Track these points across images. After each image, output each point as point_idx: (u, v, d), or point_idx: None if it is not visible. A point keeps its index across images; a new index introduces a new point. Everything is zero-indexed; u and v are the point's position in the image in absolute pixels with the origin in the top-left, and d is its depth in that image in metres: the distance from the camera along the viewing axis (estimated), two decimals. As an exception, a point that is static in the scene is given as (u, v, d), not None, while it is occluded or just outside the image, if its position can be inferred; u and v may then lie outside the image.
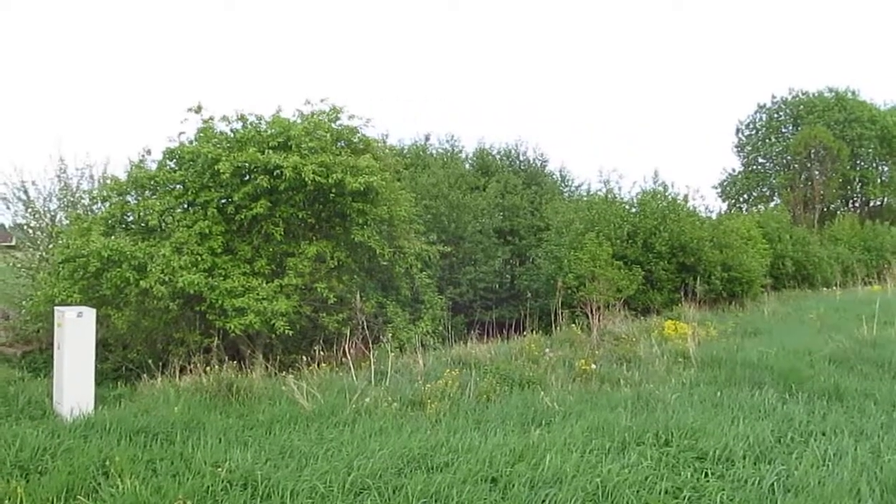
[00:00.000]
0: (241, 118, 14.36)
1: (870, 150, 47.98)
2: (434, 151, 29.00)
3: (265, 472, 5.94)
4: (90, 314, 8.71)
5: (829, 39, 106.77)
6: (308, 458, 6.45)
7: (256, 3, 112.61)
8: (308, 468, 6.09)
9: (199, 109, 14.22)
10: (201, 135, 14.14)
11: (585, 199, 24.57)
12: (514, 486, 5.79)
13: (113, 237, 12.85)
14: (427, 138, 29.88)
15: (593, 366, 10.90)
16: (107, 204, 14.10)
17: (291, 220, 13.74)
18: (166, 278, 11.97)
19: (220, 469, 6.00)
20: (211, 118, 14.30)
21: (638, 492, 5.71)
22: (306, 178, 12.68)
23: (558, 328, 14.82)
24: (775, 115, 51.09)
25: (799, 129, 47.71)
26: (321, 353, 11.68)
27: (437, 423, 7.85)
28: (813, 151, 44.93)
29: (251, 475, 5.85)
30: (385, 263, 14.64)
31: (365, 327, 12.37)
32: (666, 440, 7.07)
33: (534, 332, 14.52)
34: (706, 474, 6.20)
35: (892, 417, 8.19)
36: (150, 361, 11.44)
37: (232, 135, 14.17)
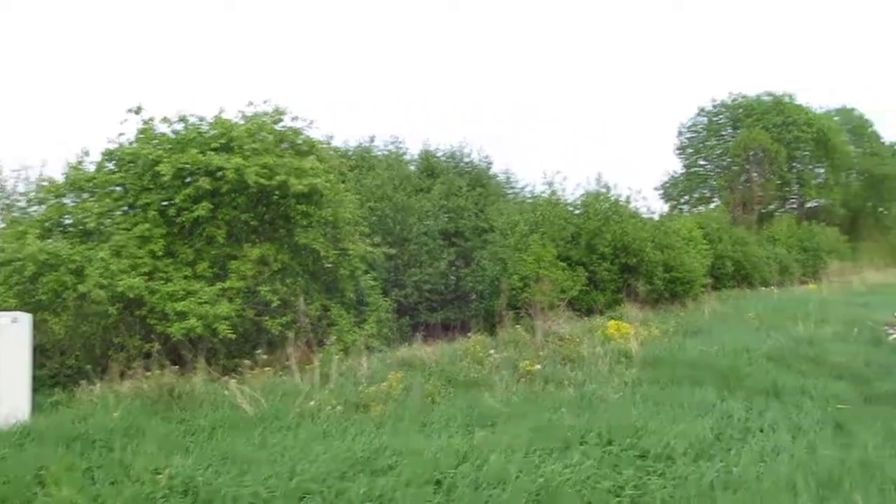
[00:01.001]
0: (183, 119, 14.13)
1: (806, 153, 49.12)
2: (379, 153, 28.91)
3: (206, 478, 5.87)
4: (26, 319, 8.53)
5: (768, 45, 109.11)
6: (250, 463, 6.38)
7: (201, 3, 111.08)
8: (250, 473, 6.03)
9: (138, 110, 13.96)
10: (141, 136, 13.87)
11: (530, 200, 24.67)
12: (458, 487, 5.81)
13: (50, 240, 12.53)
14: (372, 140, 29.77)
15: (537, 366, 10.96)
16: (43, 206, 13.76)
17: (234, 222, 13.56)
18: (105, 282, 11.73)
19: (160, 476, 5.91)
20: (151, 119, 14.06)
21: (580, 491, 5.77)
22: (249, 180, 12.55)
23: (503, 329, 14.86)
24: (715, 118, 52.07)
25: (738, 131, 48.65)
26: (265, 356, 11.56)
27: (382, 426, 7.84)
28: (752, 154, 45.93)
29: (192, 482, 5.78)
30: (329, 266, 14.54)
31: (309, 330, 12.28)
32: (608, 439, 7.15)
33: (479, 333, 14.56)
34: (647, 472, 6.29)
35: (827, 413, 8.40)
36: (88, 367, 11.20)
37: (173, 136, 13.94)
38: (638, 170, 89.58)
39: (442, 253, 24.03)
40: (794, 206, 51.77)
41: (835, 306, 19.43)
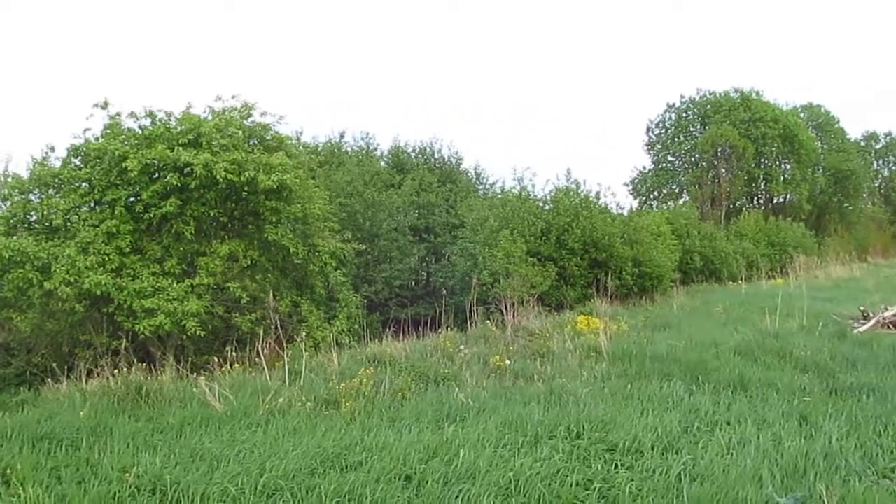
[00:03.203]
0: (150, 114, 14.03)
1: (773, 149, 49.50)
2: (349, 149, 28.85)
3: (175, 476, 5.83)
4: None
5: (736, 42, 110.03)
6: (219, 460, 6.35)
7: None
8: (219, 471, 6.01)
9: (105, 105, 13.87)
10: (108, 131, 13.77)
11: (500, 196, 24.74)
12: (427, 482, 5.82)
13: (15, 237, 12.43)
14: (342, 135, 29.70)
15: (507, 361, 11.00)
16: (8, 203, 13.63)
17: (203, 218, 13.49)
18: (72, 279, 11.63)
19: (127, 474, 5.87)
20: (118, 114, 13.95)
21: (550, 485, 5.80)
22: (218, 176, 12.49)
23: (473, 325, 14.90)
24: (684, 115, 52.31)
25: (706, 128, 48.95)
26: (234, 353, 11.51)
27: (352, 422, 7.83)
28: (720, 150, 46.28)
29: (160, 480, 5.74)
30: (299, 262, 14.52)
31: (279, 327, 12.23)
32: (577, 433, 7.19)
33: (449, 329, 14.56)
34: (616, 465, 6.34)
35: (792, 406, 8.50)
36: (55, 365, 11.10)
37: (140, 131, 13.85)
38: (608, 166, 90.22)
39: (412, 249, 24.04)
40: (762, 201, 52.21)
41: (801, 300, 19.54)
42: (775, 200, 52.30)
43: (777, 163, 51.40)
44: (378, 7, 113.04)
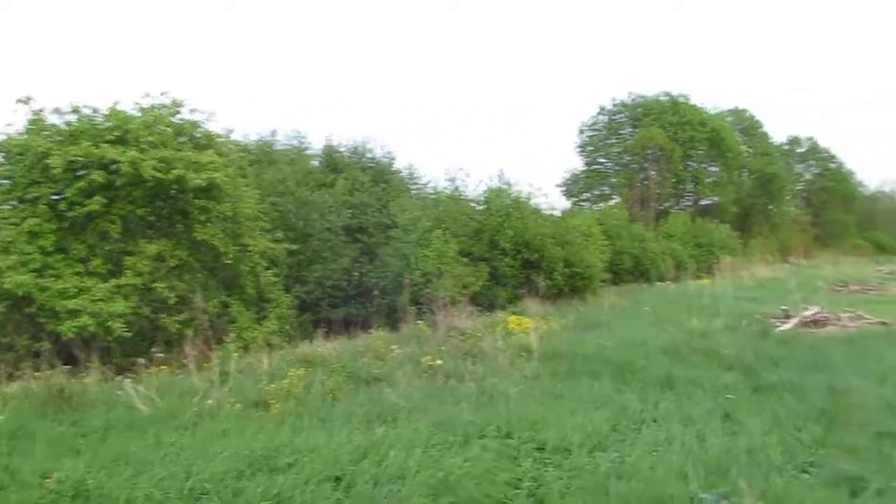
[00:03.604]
0: (75, 110, 13.72)
1: (700, 152, 50.59)
2: (281, 147, 28.52)
3: (98, 480, 5.69)
4: None
5: (665, 47, 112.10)
6: (144, 464, 6.21)
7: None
8: (144, 475, 5.88)
9: (28, 100, 13.53)
10: (31, 127, 13.42)
11: (433, 196, 24.73)
12: (357, 483, 5.79)
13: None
14: (273, 134, 29.33)
15: (439, 361, 11.00)
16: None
17: (130, 217, 13.22)
18: (-9, 279, 11.31)
19: (48, 480, 5.72)
20: (42, 110, 13.60)
21: (479, 484, 5.82)
22: (145, 174, 12.29)
23: (405, 325, 14.89)
24: (615, 118, 53.08)
25: (637, 130, 49.78)
26: (161, 355, 11.30)
27: (282, 424, 7.74)
28: (649, 152, 47.14)
29: (82, 485, 5.60)
30: (229, 262, 14.33)
31: (208, 327, 12.05)
32: (507, 432, 7.23)
33: (381, 329, 14.55)
34: (545, 464, 6.40)
35: (717, 403, 8.68)
36: (-27, 368, 10.77)
37: (65, 128, 13.51)
38: (541, 167, 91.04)
39: (345, 249, 23.88)
40: (690, 203, 53.15)
41: (726, 300, 20.06)
42: (702, 202, 53.35)
43: (704, 165, 52.53)
44: (313, 8, 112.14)
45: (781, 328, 15.39)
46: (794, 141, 69.47)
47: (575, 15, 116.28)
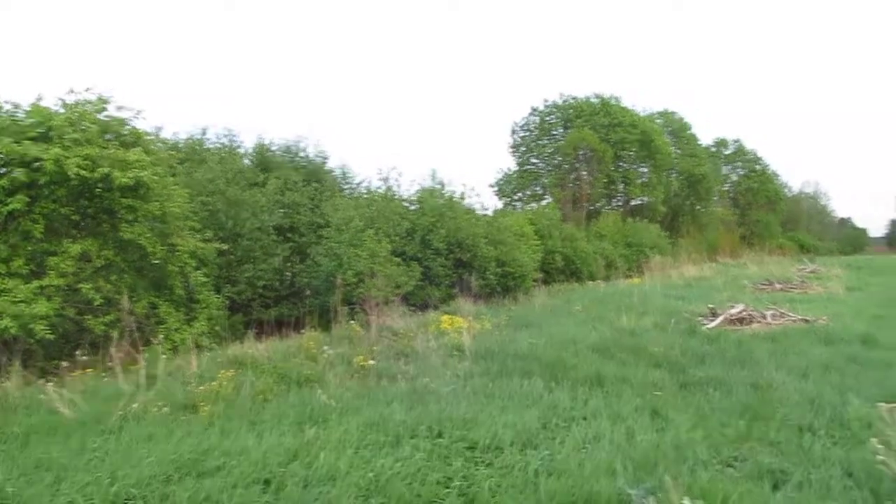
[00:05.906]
0: (-6, 106, 13.31)
1: (631, 153, 51.44)
2: (211, 146, 28.04)
3: (17, 488, 5.56)
4: None
5: (596, 50, 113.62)
6: (67, 470, 6.08)
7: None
8: (67, 481, 5.75)
9: (-56, 96, 13.07)
10: (-52, 123, 12.98)
11: (366, 196, 24.67)
12: (287, 486, 5.77)
13: None
14: (203, 132, 28.81)
15: (371, 362, 11.01)
16: None
17: (53, 216, 12.87)
18: None
19: (-35, 488, 5.55)
20: (-41, 106, 13.16)
21: (410, 484, 5.84)
22: (69, 172, 11.97)
23: (338, 325, 14.82)
24: (547, 118, 53.60)
25: (569, 131, 50.36)
26: (86, 357, 11.05)
27: (211, 427, 7.65)
28: (581, 153, 47.74)
29: (1, 492, 5.45)
30: (157, 262, 14.04)
31: (134, 329, 11.81)
32: (439, 432, 7.28)
33: (313, 329, 14.46)
34: (476, 463, 6.47)
35: (645, 400, 8.86)
36: None
37: (-15, 124, 13.10)
38: (473, 167, 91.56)
39: (276, 248, 23.57)
40: (620, 203, 53.97)
41: (655, 299, 20.45)
42: (633, 203, 54.23)
43: (635, 166, 53.39)
44: (243, 4, 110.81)
45: (708, 326, 15.73)
46: (721, 143, 71.31)
47: (509, 15, 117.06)
